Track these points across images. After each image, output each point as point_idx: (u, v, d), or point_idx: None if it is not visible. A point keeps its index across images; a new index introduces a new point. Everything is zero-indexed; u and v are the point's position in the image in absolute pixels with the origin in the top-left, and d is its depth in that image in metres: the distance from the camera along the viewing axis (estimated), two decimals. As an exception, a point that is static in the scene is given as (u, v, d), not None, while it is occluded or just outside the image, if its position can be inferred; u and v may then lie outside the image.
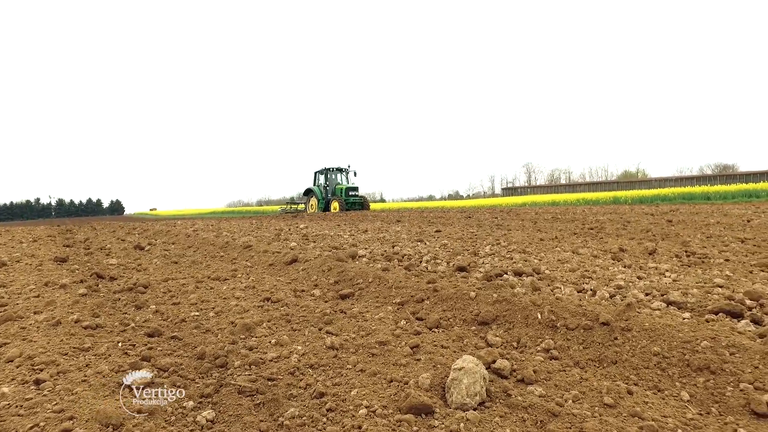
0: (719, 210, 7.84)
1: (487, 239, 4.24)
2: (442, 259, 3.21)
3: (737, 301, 1.94)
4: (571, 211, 8.67)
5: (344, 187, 26.11)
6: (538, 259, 3.02)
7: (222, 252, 3.81)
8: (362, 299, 2.17)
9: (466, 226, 6.27)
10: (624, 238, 4.28)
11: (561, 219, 6.79)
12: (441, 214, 9.47)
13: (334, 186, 27.03)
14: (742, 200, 30.03)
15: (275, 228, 6.38)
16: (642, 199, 34.05)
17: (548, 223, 6.17)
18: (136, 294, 2.35)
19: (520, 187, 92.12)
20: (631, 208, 9.82)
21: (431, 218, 8.15)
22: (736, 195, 31.07)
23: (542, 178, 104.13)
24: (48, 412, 1.06)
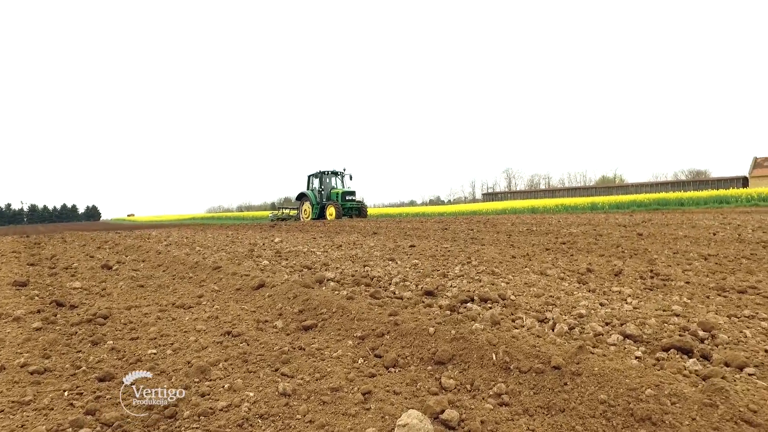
0: (689, 220, 8.02)
1: (459, 256, 4.26)
2: (411, 281, 3.21)
3: (691, 332, 1.98)
4: (546, 222, 8.77)
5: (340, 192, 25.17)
6: (505, 282, 3.04)
7: (191, 273, 3.75)
8: (324, 331, 2.16)
9: (441, 239, 6.30)
10: (594, 254, 4.34)
11: (535, 231, 6.87)
12: (418, 224, 9.49)
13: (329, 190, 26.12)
14: (714, 206, 30.85)
15: (249, 242, 6.32)
16: (619, 204, 34.75)
17: (522, 236, 6.23)
18: (94, 326, 2.29)
19: (500, 193, 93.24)
20: (605, 218, 9.97)
21: (408, 230, 8.16)
22: (708, 201, 31.90)
23: (522, 183, 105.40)
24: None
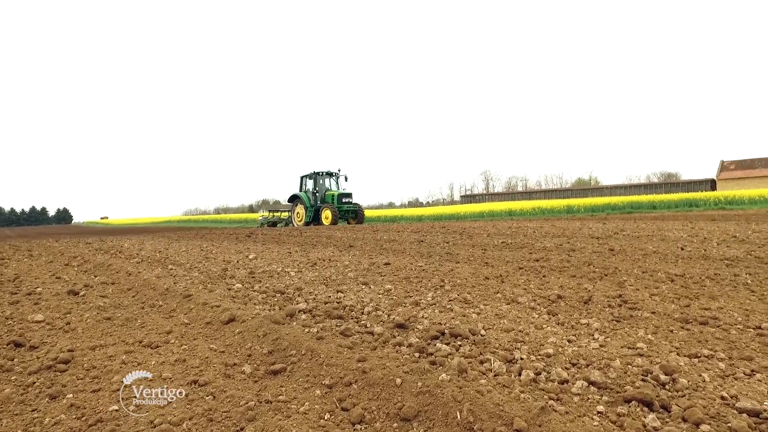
0: (659, 230, 8.20)
1: (432, 278, 4.27)
2: (383, 310, 3.20)
3: (653, 376, 2.03)
4: (522, 232, 8.87)
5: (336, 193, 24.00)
6: (476, 312, 3.05)
7: (161, 301, 3.67)
8: (293, 377, 2.13)
9: (417, 254, 6.31)
10: (566, 275, 4.40)
11: (510, 245, 6.93)
12: (395, 235, 9.49)
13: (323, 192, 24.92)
14: (684, 209, 31.66)
15: (224, 259, 6.22)
16: (594, 208, 35.40)
17: (497, 251, 6.28)
18: (54, 374, 2.21)
19: (478, 195, 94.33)
20: (580, 227, 10.14)
21: (384, 242, 8.15)
22: (679, 204, 32.79)
23: (500, 185, 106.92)
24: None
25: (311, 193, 24.97)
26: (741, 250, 5.68)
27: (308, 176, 25.76)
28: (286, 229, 12.49)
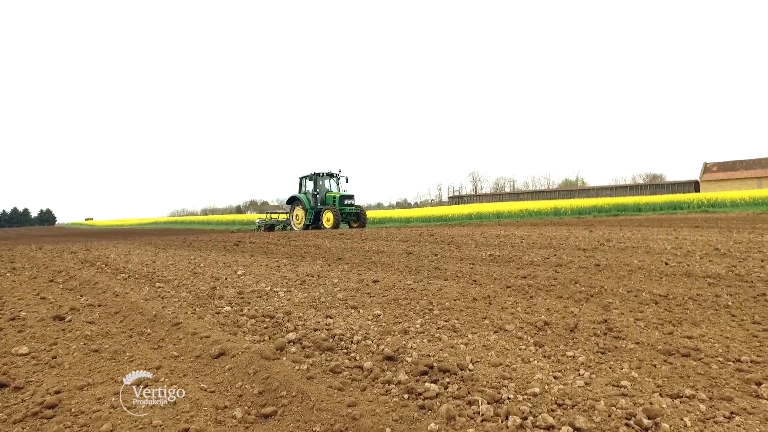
0: (644, 240, 8.32)
1: (421, 300, 4.29)
2: (372, 339, 3.22)
3: (636, 421, 2.07)
4: (509, 242, 8.93)
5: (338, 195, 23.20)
6: (464, 342, 3.09)
7: (149, 329, 3.64)
8: (284, 422, 2.14)
9: (405, 269, 6.32)
10: (552, 295, 4.45)
11: (498, 259, 6.98)
12: (383, 245, 9.50)
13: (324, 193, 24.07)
14: (668, 212, 32.13)
15: (212, 275, 6.19)
16: (581, 210, 35.76)
17: (485, 266, 6.33)
18: (41, 421, 2.20)
19: (466, 196, 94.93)
20: (567, 235, 10.25)
21: (372, 254, 8.16)
22: (664, 207, 33.29)
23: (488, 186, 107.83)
24: None
25: (311, 194, 24.09)
26: (722, 266, 5.79)
27: (308, 177, 24.77)
28: (275, 237, 12.42)
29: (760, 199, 30.99)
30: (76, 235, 49.06)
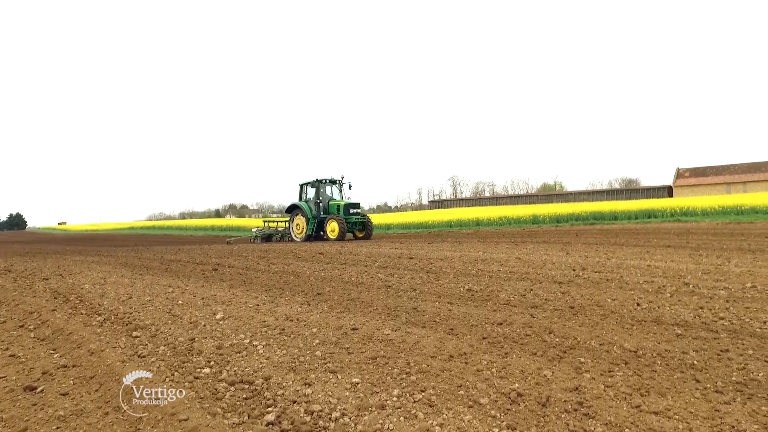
0: (617, 271, 8.50)
1: (398, 360, 4.34)
2: (350, 417, 3.25)
3: None
4: (487, 271, 9.05)
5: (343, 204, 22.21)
6: (439, 424, 3.15)
7: (126, 404, 3.62)
8: None
9: (384, 310, 6.34)
10: (526, 352, 4.52)
11: (475, 295, 7.05)
12: (363, 274, 9.52)
13: (327, 201, 22.92)
14: (643, 220, 32.89)
15: (189, 320, 6.12)
16: (558, 218, 36.37)
17: (462, 308, 6.38)
18: None
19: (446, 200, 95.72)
20: (544, 260, 10.43)
21: (352, 285, 8.19)
22: (639, 215, 34.05)
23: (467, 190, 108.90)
24: None
25: (313, 202, 22.87)
26: (691, 307, 5.99)
27: (309, 184, 23.53)
28: (254, 260, 12.31)
29: (727, 208, 31.97)
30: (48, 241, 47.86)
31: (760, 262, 9.64)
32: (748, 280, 7.62)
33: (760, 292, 6.70)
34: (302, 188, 23.73)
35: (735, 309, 5.86)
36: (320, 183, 23.21)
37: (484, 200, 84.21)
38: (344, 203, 22.35)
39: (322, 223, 22.27)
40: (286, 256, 13.64)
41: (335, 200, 23.08)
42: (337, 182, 23.90)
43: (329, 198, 23.36)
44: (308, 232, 22.46)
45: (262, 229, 26.91)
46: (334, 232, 21.13)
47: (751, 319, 5.39)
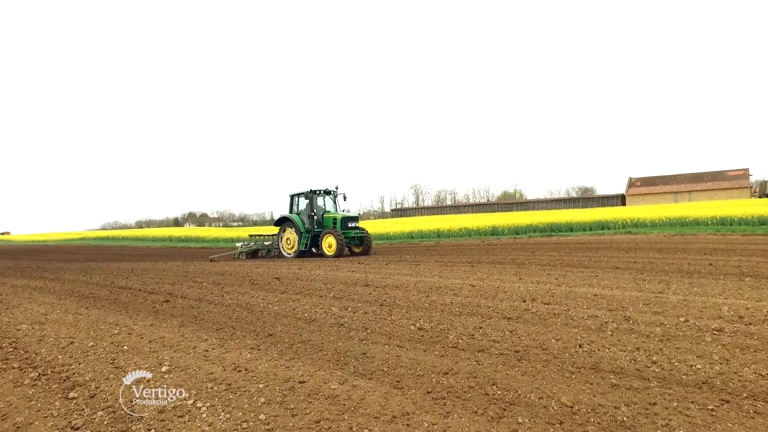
0: (565, 302, 8.78)
1: (341, 425, 4.35)
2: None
3: None
4: (440, 303, 9.16)
5: (340, 217, 20.86)
6: None
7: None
8: None
9: (334, 355, 6.32)
10: (468, 411, 4.61)
11: (425, 335, 7.14)
12: (317, 305, 9.46)
13: (321, 214, 21.66)
14: (597, 232, 34.05)
15: (135, 370, 5.95)
16: (517, 230, 37.21)
17: (411, 353, 6.45)
18: None
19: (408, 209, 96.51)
20: (496, 289, 10.65)
21: (303, 322, 8.12)
22: (594, 226, 35.23)
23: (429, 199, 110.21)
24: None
25: (306, 215, 21.49)
26: (628, 349, 6.25)
27: (302, 195, 21.96)
28: (208, 290, 12.04)
29: (673, 219, 33.55)
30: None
31: (695, 288, 10.18)
32: (683, 312, 8.02)
33: (690, 328, 7.08)
34: (293, 199, 22.19)
35: (668, 350, 6.16)
36: (314, 194, 21.70)
37: (445, 209, 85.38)
38: (341, 216, 20.98)
39: (316, 238, 20.87)
40: (242, 282, 13.41)
41: (331, 213, 21.71)
42: (332, 193, 22.40)
43: (323, 210, 22.01)
44: (301, 247, 21.14)
45: (247, 243, 25.05)
46: (331, 248, 19.87)
47: (680, 363, 5.69)
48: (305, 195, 21.80)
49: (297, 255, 21.45)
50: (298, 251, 21.41)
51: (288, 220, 21.87)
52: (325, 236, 20.11)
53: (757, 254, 17.09)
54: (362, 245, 21.49)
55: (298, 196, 22.15)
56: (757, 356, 5.85)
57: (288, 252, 21.96)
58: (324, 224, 21.31)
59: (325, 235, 20.17)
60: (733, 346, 6.25)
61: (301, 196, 22.06)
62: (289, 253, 21.95)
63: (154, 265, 22.79)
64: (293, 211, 22.10)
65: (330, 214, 21.57)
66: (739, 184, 68.20)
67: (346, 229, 20.67)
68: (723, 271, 12.88)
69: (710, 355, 5.93)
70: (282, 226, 22.39)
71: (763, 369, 5.42)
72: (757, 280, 11.14)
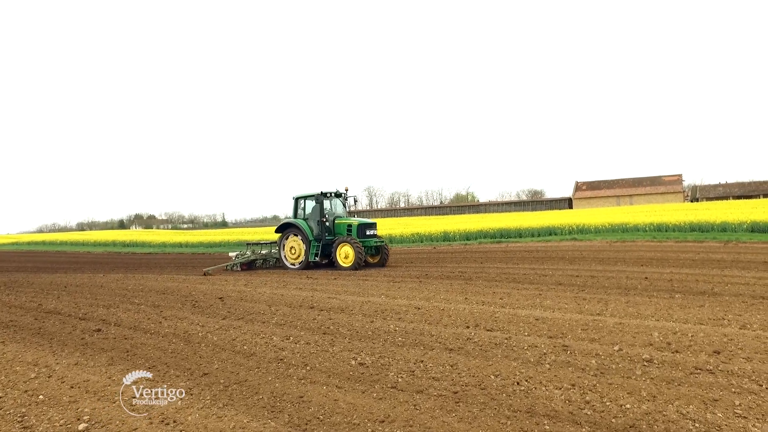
0: (507, 333, 8.84)
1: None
2: None
3: None
4: (383, 331, 9.05)
5: (356, 223, 18.80)
6: None
7: None
8: None
9: (269, 401, 6.08)
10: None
11: (364, 375, 7.00)
12: (258, 332, 9.14)
13: (332, 219, 19.46)
14: (544, 238, 34.99)
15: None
16: (468, 235, 37.74)
17: (342, 403, 6.32)
18: None
19: (362, 211, 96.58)
20: (443, 308, 10.67)
21: (241, 357, 7.80)
22: (541, 232, 36.21)
23: (383, 201, 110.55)
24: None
25: (314, 221, 19.11)
26: (564, 386, 6.33)
27: (309, 197, 19.50)
28: (145, 315, 11.43)
29: (615, 225, 35.06)
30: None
31: (631, 308, 10.58)
32: (618, 338, 8.28)
33: (623, 358, 7.29)
34: (297, 203, 19.79)
35: (601, 386, 6.29)
36: (324, 196, 19.17)
37: (399, 211, 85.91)
38: (358, 223, 18.78)
39: (327, 247, 18.87)
40: (183, 303, 12.84)
41: (344, 219, 19.52)
42: (342, 196, 19.99)
43: (335, 215, 19.77)
44: (310, 258, 18.84)
45: (245, 255, 22.26)
46: (347, 259, 17.87)
47: (611, 402, 5.81)
48: (316, 198, 19.24)
49: (303, 266, 19.29)
50: (304, 262, 19.21)
51: (292, 227, 19.48)
52: (340, 245, 18.11)
53: (687, 264, 18.08)
54: (378, 255, 19.36)
55: (305, 198, 19.77)
56: (680, 390, 6.06)
57: (292, 262, 19.70)
58: (336, 231, 19.23)
59: (340, 244, 18.14)
60: (661, 379, 6.47)
61: (309, 199, 19.65)
62: (293, 264, 19.68)
63: (92, 278, 21.60)
64: (299, 216, 19.81)
65: (343, 220, 19.44)
66: (674, 189, 72.58)
67: (364, 238, 18.53)
68: (656, 286, 13.49)
69: (639, 391, 6.10)
70: (284, 233, 19.96)
71: (685, 406, 5.61)
72: (685, 297, 11.72)
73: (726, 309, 10.17)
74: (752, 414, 5.29)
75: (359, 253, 17.61)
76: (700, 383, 6.24)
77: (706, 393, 5.92)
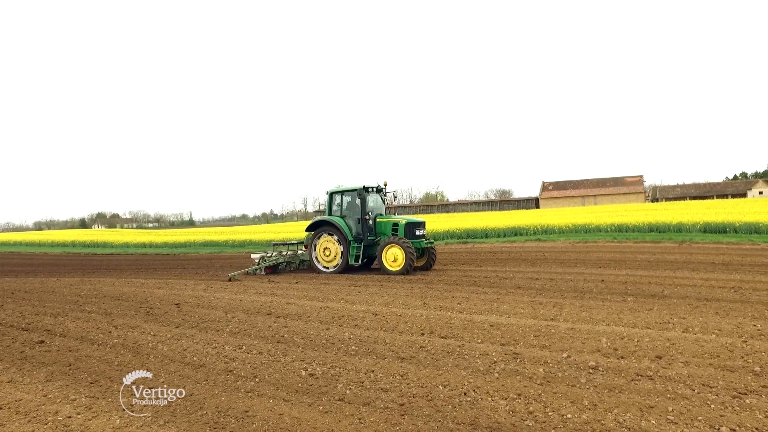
0: (459, 345, 8.92)
1: None
2: None
3: None
4: (338, 340, 9.01)
5: (404, 222, 16.84)
6: None
7: None
8: None
9: (213, 416, 5.94)
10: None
11: (314, 387, 6.93)
12: (209, 345, 8.97)
13: (374, 217, 17.42)
14: (511, 238, 35.47)
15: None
16: (435, 236, 37.95)
17: (297, 402, 6.24)
18: None
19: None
20: (400, 314, 10.68)
21: (191, 370, 7.62)
22: (507, 233, 36.70)
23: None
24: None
25: (355, 219, 17.20)
26: (510, 396, 6.38)
27: (348, 192, 17.34)
28: (95, 323, 11.07)
29: (579, 226, 35.86)
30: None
31: (584, 312, 10.81)
32: (568, 344, 8.44)
33: (570, 366, 7.43)
34: (332, 198, 17.57)
35: (545, 395, 6.39)
36: (366, 191, 17.08)
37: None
38: (405, 221, 16.79)
39: (368, 249, 17.19)
40: (137, 311, 12.46)
41: (388, 217, 17.57)
42: (381, 191, 17.96)
43: (377, 213, 17.79)
44: (351, 260, 17.03)
45: (269, 257, 19.74)
46: (396, 262, 16.01)
47: (553, 411, 5.90)
48: (359, 193, 17.00)
49: (340, 269, 17.38)
50: (342, 264, 17.29)
51: (328, 224, 17.41)
52: (387, 247, 16.29)
53: (643, 266, 18.65)
54: (424, 258, 17.59)
55: (341, 194, 17.60)
56: (620, 398, 6.21)
57: (326, 265, 17.57)
58: (377, 230, 17.38)
59: (387, 245, 16.30)
60: (603, 387, 6.61)
61: (347, 194, 17.46)
62: (326, 267, 17.60)
63: (44, 283, 20.76)
64: (335, 213, 17.74)
65: (386, 218, 17.53)
66: (636, 189, 74.96)
67: (413, 238, 16.70)
68: (611, 289, 13.85)
69: (581, 399, 6.22)
70: (316, 232, 17.73)
71: (623, 413, 5.75)
72: (636, 300, 12.07)
73: (672, 312, 10.51)
74: (682, 419, 5.46)
75: (410, 256, 15.90)
76: (640, 390, 6.41)
77: (644, 400, 6.08)
